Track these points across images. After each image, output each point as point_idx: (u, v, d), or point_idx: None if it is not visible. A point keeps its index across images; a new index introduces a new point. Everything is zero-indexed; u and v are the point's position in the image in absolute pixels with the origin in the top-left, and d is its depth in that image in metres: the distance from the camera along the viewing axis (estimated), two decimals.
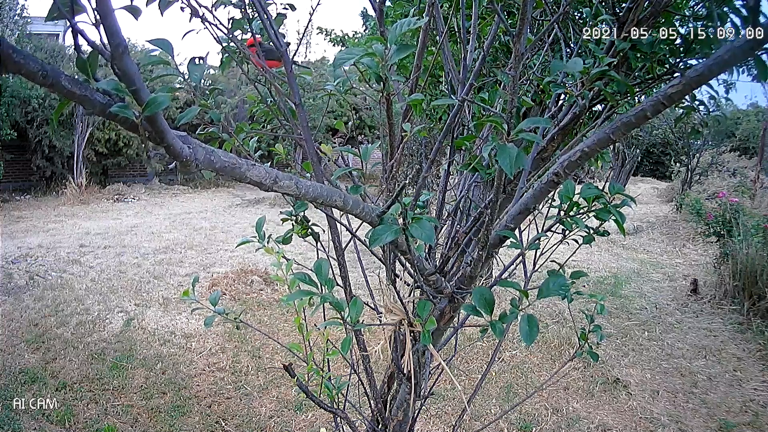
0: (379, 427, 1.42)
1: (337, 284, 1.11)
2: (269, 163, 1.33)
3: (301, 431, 2.89)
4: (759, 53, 0.71)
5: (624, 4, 1.19)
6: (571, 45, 1.40)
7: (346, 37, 8.84)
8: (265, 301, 4.79)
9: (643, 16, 1.16)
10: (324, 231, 1.40)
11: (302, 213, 1.34)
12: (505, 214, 1.11)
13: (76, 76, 0.59)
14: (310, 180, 1.30)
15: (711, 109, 1.24)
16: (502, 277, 1.13)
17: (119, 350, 3.68)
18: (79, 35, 0.55)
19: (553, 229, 1.05)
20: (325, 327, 1.17)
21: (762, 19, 0.80)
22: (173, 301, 4.64)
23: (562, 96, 1.38)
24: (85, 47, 0.58)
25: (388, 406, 1.46)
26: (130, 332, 3.99)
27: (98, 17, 0.51)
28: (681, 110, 1.27)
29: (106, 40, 0.52)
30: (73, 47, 0.57)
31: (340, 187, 1.27)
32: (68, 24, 0.54)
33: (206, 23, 1.15)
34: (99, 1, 0.49)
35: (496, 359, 3.69)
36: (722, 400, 3.23)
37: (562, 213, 1.01)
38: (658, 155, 18.12)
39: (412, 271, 1.10)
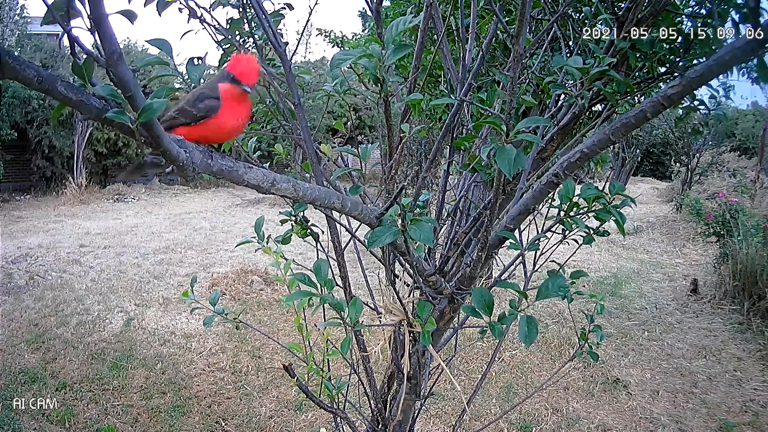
0: (379, 427, 1.42)
1: (337, 284, 1.11)
2: (269, 164, 1.34)
3: (301, 431, 2.89)
4: (760, 54, 0.71)
5: (623, 4, 1.19)
6: (570, 45, 1.40)
7: (344, 38, 8.84)
8: (265, 301, 4.79)
9: (642, 16, 1.16)
10: (323, 231, 1.39)
11: (302, 213, 1.33)
12: (504, 215, 1.11)
13: (76, 79, 0.59)
14: (309, 180, 1.30)
15: (711, 108, 1.23)
16: (502, 277, 1.13)
17: (119, 350, 3.68)
18: (74, 42, 0.54)
19: (552, 229, 1.05)
20: (325, 327, 1.17)
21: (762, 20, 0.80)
22: (173, 301, 4.64)
23: (562, 96, 1.37)
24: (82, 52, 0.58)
25: (388, 406, 1.45)
26: (130, 332, 3.99)
27: (93, 23, 0.51)
28: (681, 110, 1.27)
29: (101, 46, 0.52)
30: (70, 52, 0.57)
31: (339, 187, 1.27)
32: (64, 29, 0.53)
33: (204, 24, 1.15)
34: (93, 7, 0.49)
35: (496, 359, 3.68)
36: (722, 400, 3.22)
37: (561, 213, 1.01)
38: (658, 155, 18.08)
39: (411, 272, 1.10)
